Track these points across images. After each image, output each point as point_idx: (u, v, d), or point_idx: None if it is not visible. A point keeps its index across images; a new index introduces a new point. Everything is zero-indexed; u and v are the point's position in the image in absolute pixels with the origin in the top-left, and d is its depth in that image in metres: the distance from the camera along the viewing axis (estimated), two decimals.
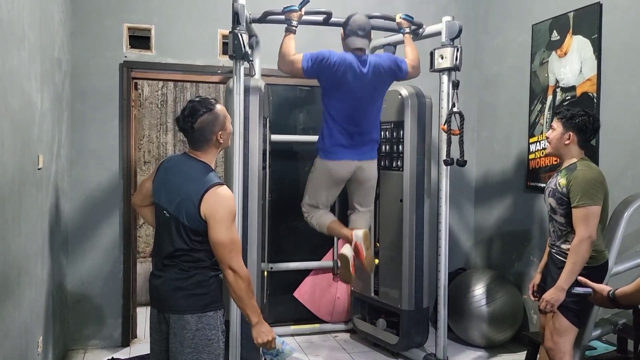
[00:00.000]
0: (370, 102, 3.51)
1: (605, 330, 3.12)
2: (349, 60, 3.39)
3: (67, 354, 4.08)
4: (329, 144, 3.51)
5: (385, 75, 3.51)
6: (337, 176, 3.58)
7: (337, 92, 3.44)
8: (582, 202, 2.71)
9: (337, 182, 3.63)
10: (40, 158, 3.16)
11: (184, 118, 2.30)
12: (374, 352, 4.24)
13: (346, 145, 3.51)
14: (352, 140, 3.52)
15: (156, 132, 5.82)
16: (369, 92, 3.48)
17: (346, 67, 3.37)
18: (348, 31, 3.45)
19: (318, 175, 3.62)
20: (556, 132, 2.90)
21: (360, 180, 3.64)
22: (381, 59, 3.51)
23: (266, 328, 2.34)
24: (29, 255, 2.95)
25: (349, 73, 3.38)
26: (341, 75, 3.37)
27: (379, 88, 3.54)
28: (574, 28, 3.86)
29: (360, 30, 3.43)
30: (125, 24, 4.19)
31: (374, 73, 3.45)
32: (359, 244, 3.49)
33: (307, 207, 3.71)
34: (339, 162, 3.53)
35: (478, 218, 4.98)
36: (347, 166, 3.54)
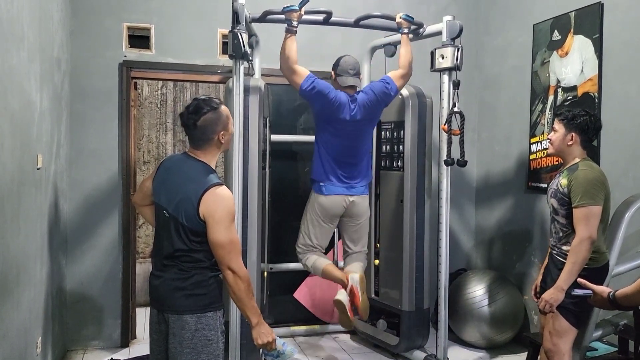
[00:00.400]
0: (362, 137, 3.61)
1: (606, 331, 3.12)
2: (344, 99, 3.49)
3: (66, 354, 4.07)
4: (322, 170, 3.58)
5: (376, 107, 3.60)
6: (330, 211, 3.62)
7: (329, 125, 3.53)
8: (582, 202, 2.70)
9: (331, 218, 3.65)
10: (40, 158, 3.15)
11: (188, 114, 2.30)
12: (374, 353, 4.23)
13: (338, 176, 3.58)
14: (344, 170, 3.59)
15: (156, 132, 5.81)
16: (360, 128, 3.59)
17: (341, 104, 3.47)
18: (339, 71, 3.56)
19: (311, 211, 3.66)
20: (558, 133, 2.89)
21: (353, 215, 3.67)
22: (367, 95, 3.56)
23: (266, 329, 2.33)
24: (28, 256, 2.94)
25: (343, 110, 3.48)
26: (335, 109, 3.47)
27: (370, 122, 3.65)
28: (575, 28, 3.85)
29: (351, 70, 3.55)
30: (124, 24, 4.18)
31: (364, 110, 3.54)
32: (355, 288, 3.47)
33: (302, 248, 3.72)
34: (332, 197, 3.59)
35: (479, 218, 4.97)
36: (339, 200, 3.59)
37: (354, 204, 3.63)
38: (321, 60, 4.23)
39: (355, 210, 3.65)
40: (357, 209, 3.66)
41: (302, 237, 3.71)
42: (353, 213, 3.66)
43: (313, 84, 3.40)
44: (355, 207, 3.65)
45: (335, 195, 3.59)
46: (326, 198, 3.59)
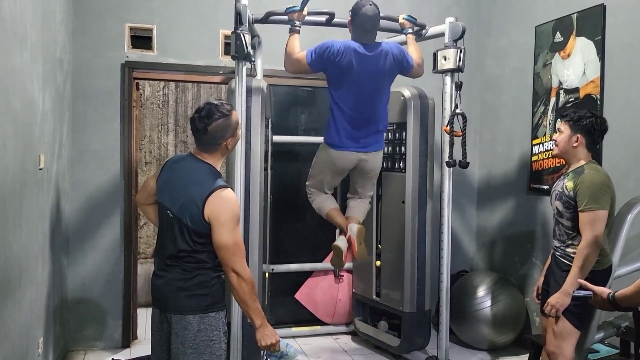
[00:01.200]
0: (377, 89, 3.45)
1: (608, 333, 3.11)
2: (353, 46, 3.34)
3: (68, 354, 4.07)
4: (335, 133, 3.48)
5: (393, 62, 3.44)
6: (340, 166, 3.57)
7: (343, 81, 3.39)
8: (589, 206, 2.69)
9: (340, 171, 3.62)
10: (42, 158, 3.15)
11: (199, 118, 2.28)
12: (375, 355, 4.23)
13: (352, 136, 3.47)
14: (359, 130, 3.47)
15: (157, 132, 5.81)
16: (376, 78, 3.41)
17: (350, 53, 3.32)
18: (356, 23, 3.37)
19: (322, 161, 3.61)
20: (564, 134, 2.87)
21: (364, 171, 3.63)
22: (390, 47, 3.45)
23: (270, 331, 2.33)
24: (29, 256, 2.94)
25: (354, 59, 3.33)
26: (346, 62, 3.32)
27: (385, 75, 3.45)
28: (577, 29, 3.85)
29: (370, 27, 3.37)
30: (127, 24, 4.18)
31: (381, 57, 3.39)
32: (353, 239, 3.51)
33: (311, 189, 3.72)
34: (343, 153, 3.50)
35: (480, 220, 4.97)
36: (351, 157, 3.52)
37: (365, 161, 3.56)
38: None
39: (367, 166, 3.59)
40: (369, 165, 3.60)
41: (312, 180, 3.70)
42: (365, 168, 3.61)
43: (314, 53, 3.34)
44: (367, 163, 3.58)
45: (346, 152, 3.50)
46: (338, 153, 3.51)
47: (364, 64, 3.35)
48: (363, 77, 3.37)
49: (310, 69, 3.40)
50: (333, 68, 3.37)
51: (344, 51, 3.31)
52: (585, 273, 2.69)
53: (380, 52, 3.39)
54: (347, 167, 3.58)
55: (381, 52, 3.39)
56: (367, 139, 3.51)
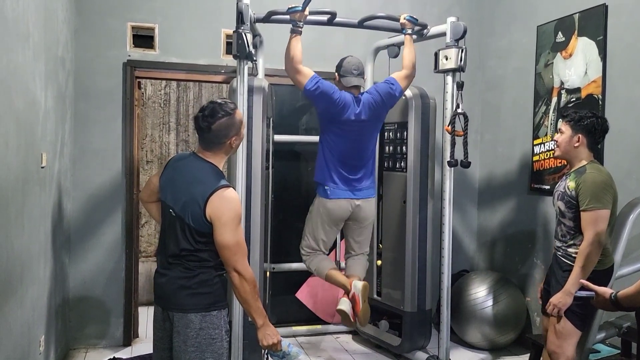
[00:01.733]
0: (367, 138, 3.58)
1: (609, 333, 3.11)
2: (348, 99, 3.47)
3: (69, 353, 4.07)
4: (327, 173, 3.53)
5: (381, 108, 3.57)
6: (335, 216, 3.58)
7: (334, 126, 3.50)
8: (591, 206, 2.69)
9: (336, 222, 3.62)
10: (44, 157, 3.16)
11: (203, 117, 2.28)
12: (376, 354, 4.23)
13: (343, 179, 3.53)
14: (349, 173, 3.54)
15: (159, 131, 5.81)
16: (365, 129, 3.55)
17: (345, 104, 3.45)
18: (343, 71, 3.55)
19: (316, 215, 3.62)
20: (565, 134, 2.87)
21: (359, 219, 3.64)
22: (372, 96, 3.53)
23: (271, 330, 2.33)
24: (31, 254, 2.94)
25: (347, 110, 3.46)
26: (340, 110, 3.44)
27: (375, 123, 3.60)
28: (579, 29, 3.85)
29: (355, 70, 3.52)
30: (129, 23, 4.19)
31: (369, 110, 3.51)
32: (357, 297, 3.46)
33: (306, 250, 3.70)
34: (337, 202, 3.54)
35: (481, 220, 4.97)
36: (345, 205, 3.55)
37: (360, 208, 3.58)
38: (325, 60, 4.24)
39: (361, 214, 3.61)
40: (363, 212, 3.61)
41: (307, 240, 3.68)
42: (359, 217, 3.62)
43: (317, 84, 3.39)
44: (362, 211, 3.60)
45: (340, 200, 3.53)
46: (331, 202, 3.54)
47: (355, 116, 3.47)
48: (353, 126, 3.49)
49: (303, 92, 3.45)
50: (325, 109, 3.47)
51: (341, 100, 3.45)
52: (587, 273, 2.69)
53: (368, 105, 3.51)
54: (342, 217, 3.60)
55: (368, 105, 3.51)
56: (359, 184, 3.58)
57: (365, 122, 3.51)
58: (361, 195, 3.58)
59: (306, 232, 3.69)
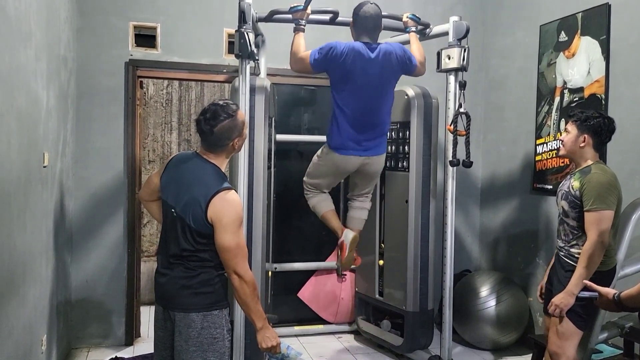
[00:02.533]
0: (380, 91, 3.43)
1: (612, 333, 3.10)
2: (357, 48, 3.33)
3: (71, 352, 4.08)
4: (337, 136, 3.47)
5: (396, 63, 3.43)
6: (342, 169, 3.57)
7: (346, 83, 3.37)
8: (595, 206, 2.68)
9: (341, 174, 3.64)
10: (46, 156, 3.16)
11: (205, 120, 2.27)
12: (378, 354, 4.23)
13: (355, 139, 3.45)
14: (362, 133, 3.46)
15: (161, 131, 5.81)
16: (380, 80, 3.40)
17: (355, 54, 3.31)
18: (358, 24, 3.40)
19: (323, 163, 3.61)
20: (571, 134, 2.86)
21: (365, 173, 3.64)
22: (393, 48, 3.43)
23: (271, 333, 2.33)
24: (33, 253, 2.94)
25: (358, 60, 3.31)
26: (350, 63, 3.31)
27: (389, 77, 3.45)
28: (582, 29, 3.84)
29: (370, 24, 3.37)
30: (131, 23, 4.19)
31: (385, 59, 3.37)
32: (345, 245, 3.55)
33: (309, 186, 3.71)
34: (346, 157, 3.50)
35: (484, 220, 4.96)
36: (353, 161, 3.52)
37: (368, 164, 3.56)
38: None
39: (369, 169, 3.60)
40: (372, 167, 3.60)
41: (311, 178, 3.69)
42: (366, 171, 3.61)
43: (318, 53, 3.33)
44: (370, 166, 3.58)
45: (350, 156, 3.49)
46: (341, 157, 3.50)
47: (367, 65, 3.33)
48: (366, 79, 3.35)
49: (313, 70, 3.39)
50: (336, 69, 3.36)
51: (347, 52, 3.30)
52: (590, 273, 2.68)
53: (384, 53, 3.38)
54: (348, 170, 3.59)
55: (384, 53, 3.38)
56: (370, 142, 3.50)
57: (380, 70, 3.36)
58: (371, 153, 3.53)
59: (311, 170, 3.69)
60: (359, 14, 3.37)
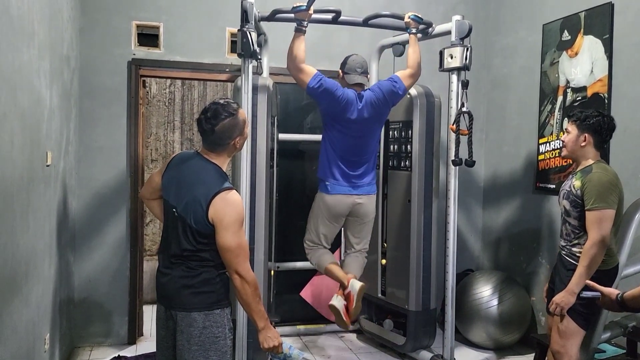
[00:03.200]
0: (368, 135, 3.58)
1: (614, 333, 3.10)
2: (351, 97, 3.47)
3: (74, 351, 4.09)
4: (329, 176, 3.56)
5: (383, 106, 3.56)
6: (335, 211, 3.61)
7: (337, 123, 3.51)
8: (596, 205, 2.68)
9: (336, 218, 3.65)
10: (49, 155, 3.16)
11: (206, 119, 2.27)
12: (380, 353, 4.23)
13: (345, 175, 3.55)
14: (351, 172, 3.56)
15: (163, 130, 5.82)
16: (367, 127, 3.55)
17: (348, 102, 3.45)
18: (347, 69, 3.57)
19: (317, 210, 3.66)
20: (571, 134, 2.86)
21: (359, 215, 3.66)
22: (374, 93, 3.53)
23: (272, 333, 2.33)
24: (36, 252, 2.95)
25: (350, 108, 3.46)
26: (343, 107, 3.45)
27: (377, 120, 3.61)
28: (585, 28, 3.83)
29: (359, 68, 3.55)
30: (133, 22, 4.19)
31: (372, 108, 3.51)
32: (352, 296, 3.48)
33: (309, 244, 3.74)
34: (337, 197, 3.57)
35: (486, 219, 4.95)
36: (346, 200, 3.58)
37: (360, 205, 3.61)
38: (330, 59, 4.24)
39: (361, 210, 3.64)
40: (363, 209, 3.64)
41: (309, 234, 3.73)
42: (359, 213, 3.65)
43: (320, 82, 3.39)
44: (362, 207, 3.63)
45: (341, 195, 3.57)
46: (332, 197, 3.57)
47: (357, 113, 3.47)
48: (356, 123, 3.50)
49: (306, 90, 3.46)
50: (328, 106, 3.48)
51: (344, 97, 3.45)
52: (591, 272, 2.68)
53: (371, 97, 3.51)
54: (342, 212, 3.63)
55: (372, 96, 3.51)
56: (361, 180, 3.60)
57: (367, 120, 3.52)
58: (362, 192, 3.61)
59: (309, 226, 3.73)
60: (347, 62, 3.57)
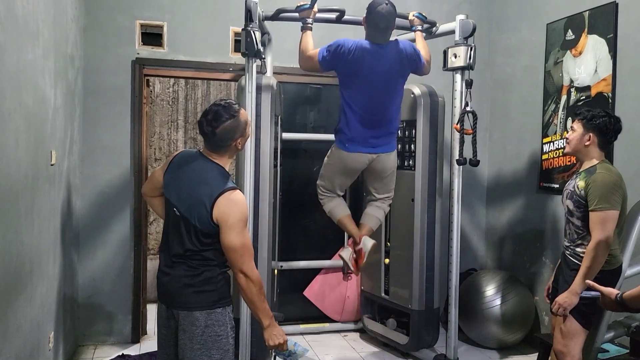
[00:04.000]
0: (389, 89, 3.40)
1: (618, 332, 3.09)
2: (365, 45, 3.31)
3: (78, 349, 4.10)
4: (346, 134, 3.45)
5: (406, 61, 3.40)
6: (351, 167, 3.55)
7: (354, 80, 3.36)
8: (599, 206, 2.67)
9: (351, 172, 3.60)
10: (53, 154, 3.17)
11: (207, 122, 2.26)
12: (383, 352, 4.23)
13: (363, 136, 3.43)
14: (370, 130, 3.43)
15: (167, 129, 5.83)
16: (388, 78, 3.36)
17: (363, 52, 3.28)
18: (369, 22, 3.31)
19: (332, 162, 3.59)
20: (576, 133, 2.85)
21: (377, 171, 3.60)
22: (403, 45, 3.40)
23: (277, 330, 2.34)
24: (41, 251, 2.96)
25: (366, 58, 3.29)
26: (358, 59, 3.28)
27: (398, 74, 3.41)
28: (589, 27, 3.82)
29: (383, 24, 3.27)
30: (137, 21, 4.20)
31: (393, 57, 3.34)
32: (364, 253, 3.50)
33: (322, 190, 3.69)
34: (353, 155, 3.48)
35: (490, 218, 4.95)
36: (361, 159, 3.50)
37: (377, 161, 3.52)
38: None
39: (378, 166, 3.55)
40: (380, 164, 3.55)
41: (323, 180, 3.67)
42: (377, 169, 3.57)
43: (327, 50, 3.33)
44: (379, 163, 3.54)
45: (357, 153, 3.47)
46: (348, 155, 3.47)
47: (375, 63, 3.30)
48: (375, 76, 3.33)
49: (321, 68, 3.38)
50: (344, 66, 3.35)
51: (355, 49, 3.28)
52: (594, 273, 2.67)
53: (393, 50, 3.36)
54: (357, 168, 3.56)
55: (394, 50, 3.36)
56: (379, 140, 3.48)
57: (387, 72, 3.34)
58: (380, 150, 3.50)
59: (323, 173, 3.67)
60: (373, 12, 3.27)
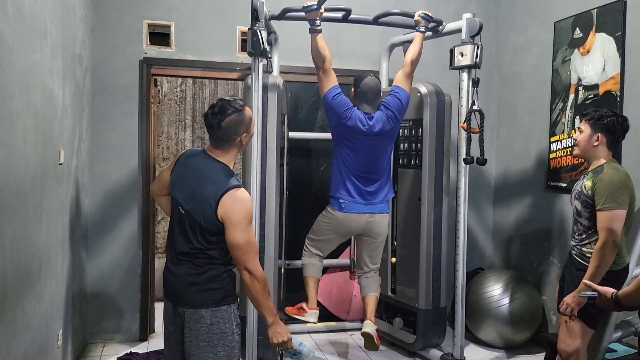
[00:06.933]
0: (380, 152, 3.57)
1: (625, 332, 3.08)
2: (358, 116, 3.47)
3: (86, 347, 4.13)
4: (342, 193, 3.55)
5: (394, 121, 3.55)
6: (346, 229, 3.62)
7: (347, 140, 3.51)
8: (606, 206, 2.66)
9: (345, 234, 3.67)
10: (62, 153, 3.20)
11: (212, 114, 2.30)
12: (390, 351, 4.23)
13: (359, 191, 3.54)
14: (365, 188, 3.55)
15: (175, 128, 5.85)
16: (379, 143, 3.54)
17: (355, 121, 3.45)
18: (359, 93, 3.54)
19: (326, 222, 3.66)
20: (584, 133, 2.84)
21: (371, 235, 3.66)
22: (385, 113, 3.52)
23: (282, 328, 2.35)
24: (49, 249, 2.99)
25: (359, 124, 3.45)
26: (350, 125, 3.45)
27: (388, 137, 3.58)
28: (597, 25, 3.80)
29: (370, 95, 3.52)
30: (145, 21, 4.22)
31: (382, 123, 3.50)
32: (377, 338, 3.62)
33: (308, 244, 3.79)
34: (350, 215, 3.56)
35: (497, 217, 4.94)
36: (358, 219, 3.57)
37: (373, 223, 3.60)
38: (340, 58, 4.24)
39: (374, 229, 3.63)
40: (376, 228, 3.63)
41: (313, 235, 3.77)
42: (372, 232, 3.64)
43: (335, 97, 3.42)
44: (375, 226, 3.62)
45: (354, 214, 3.55)
46: (344, 216, 3.56)
47: (364, 136, 3.47)
48: (364, 147, 3.50)
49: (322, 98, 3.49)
50: (338, 124, 3.48)
51: (351, 117, 3.45)
52: (603, 272, 2.66)
53: (383, 117, 3.51)
54: (353, 231, 3.65)
55: (383, 117, 3.51)
56: (373, 198, 3.58)
57: (378, 137, 3.51)
58: (375, 210, 3.59)
59: (311, 233, 3.77)
60: (360, 86, 3.53)
